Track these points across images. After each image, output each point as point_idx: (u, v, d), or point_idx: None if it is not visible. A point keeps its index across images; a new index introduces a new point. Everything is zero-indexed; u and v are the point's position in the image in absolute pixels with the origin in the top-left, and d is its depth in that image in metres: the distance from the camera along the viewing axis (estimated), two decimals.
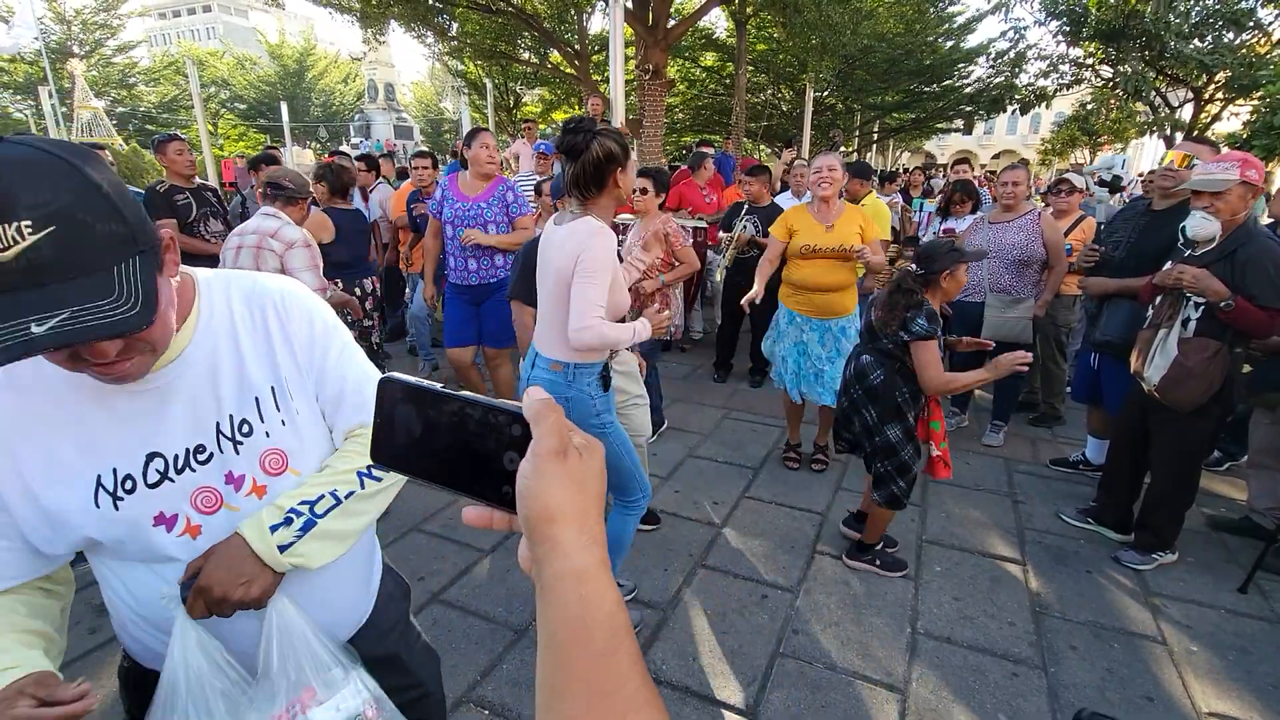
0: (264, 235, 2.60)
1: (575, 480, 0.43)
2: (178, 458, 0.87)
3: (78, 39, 23.58)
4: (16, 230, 0.61)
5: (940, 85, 18.10)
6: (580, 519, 0.43)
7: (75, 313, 0.64)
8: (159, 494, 0.86)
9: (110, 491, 0.83)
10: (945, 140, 37.27)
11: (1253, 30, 11.10)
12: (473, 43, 13.23)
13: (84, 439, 0.82)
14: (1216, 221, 2.42)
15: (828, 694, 2.07)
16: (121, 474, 0.84)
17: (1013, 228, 3.66)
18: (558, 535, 0.42)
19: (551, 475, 0.43)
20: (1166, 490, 2.71)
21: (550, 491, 0.42)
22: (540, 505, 0.42)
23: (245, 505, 0.91)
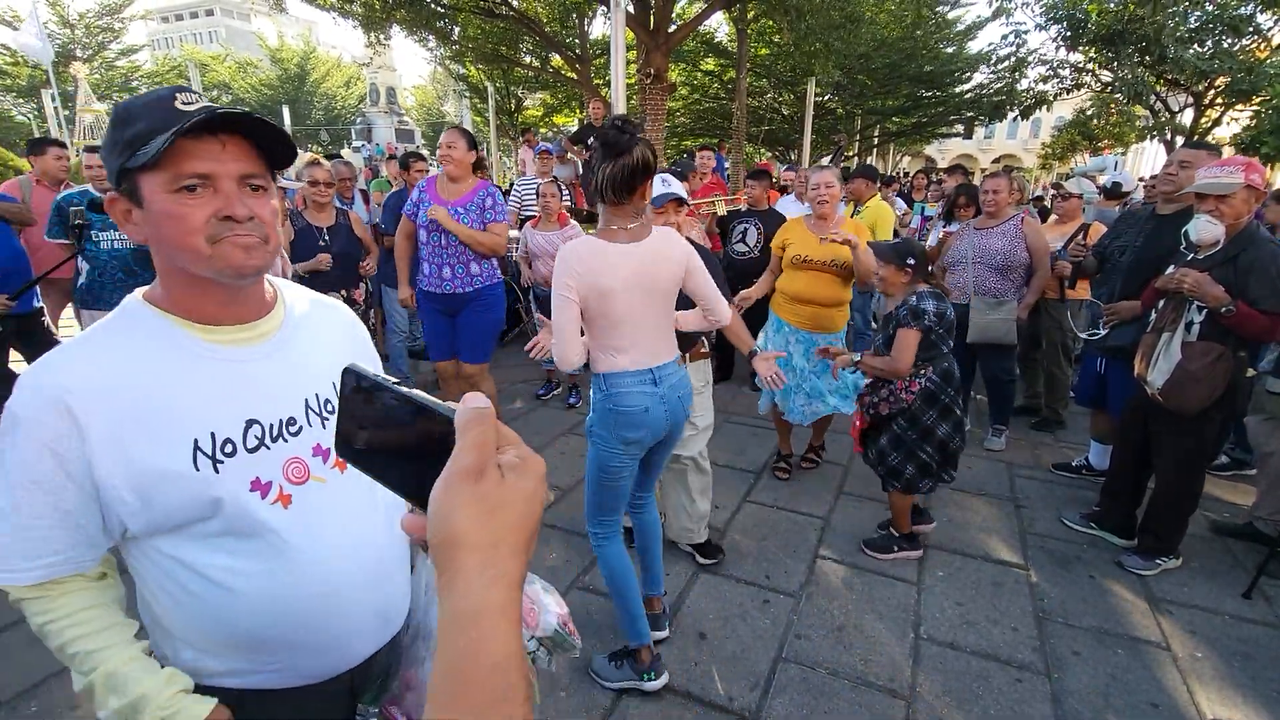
0: None
1: (488, 504, 0.38)
2: (273, 426, 0.90)
3: (81, 42, 23.68)
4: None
5: (941, 90, 18.15)
6: (486, 550, 0.38)
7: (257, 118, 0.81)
8: (256, 459, 0.88)
9: (209, 455, 0.84)
10: (946, 145, 37.34)
11: (1252, 35, 11.13)
12: (474, 47, 13.27)
13: (181, 404, 0.84)
14: (1221, 225, 2.42)
15: (831, 699, 2.06)
16: (221, 438, 0.85)
17: (996, 233, 3.73)
18: (457, 567, 0.37)
19: (460, 496, 0.38)
20: (1170, 495, 2.70)
21: (455, 515, 0.38)
22: (443, 530, 0.38)
23: (329, 477, 0.94)
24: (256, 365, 0.90)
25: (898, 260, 2.60)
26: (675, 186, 2.37)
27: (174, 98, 0.80)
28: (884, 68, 16.18)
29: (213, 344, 0.87)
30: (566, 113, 19.71)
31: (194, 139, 0.77)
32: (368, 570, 0.97)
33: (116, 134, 0.81)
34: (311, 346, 0.97)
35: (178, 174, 0.78)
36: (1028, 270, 3.73)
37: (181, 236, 0.80)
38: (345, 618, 0.95)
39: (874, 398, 2.69)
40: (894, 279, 2.62)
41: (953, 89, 18.21)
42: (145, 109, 0.80)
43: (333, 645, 0.95)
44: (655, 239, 1.88)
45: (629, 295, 1.82)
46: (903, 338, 2.53)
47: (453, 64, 15.99)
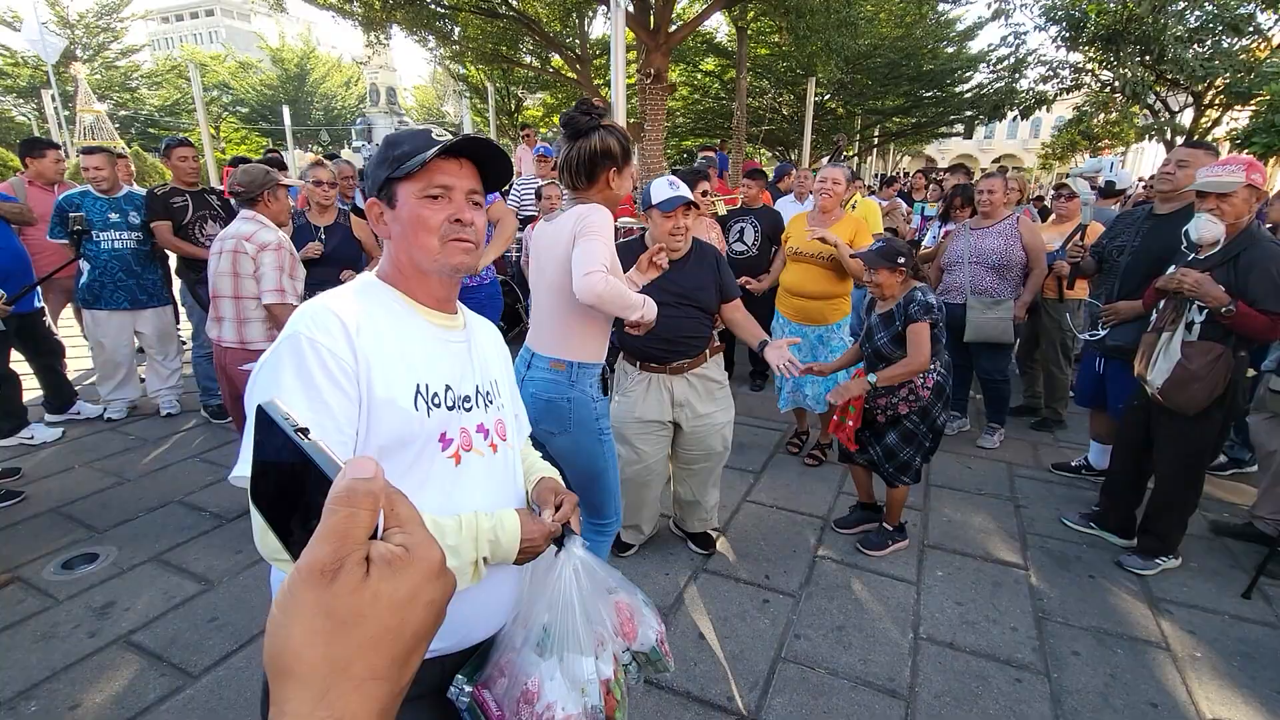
0: (240, 239, 2.60)
1: (335, 617, 0.30)
2: (459, 396, 1.06)
3: (81, 42, 23.68)
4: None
5: (941, 90, 18.14)
6: (322, 680, 0.29)
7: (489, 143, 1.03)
8: (447, 417, 1.03)
9: (426, 399, 1.00)
10: (946, 144, 37.34)
11: (1252, 35, 11.12)
12: (474, 47, 13.25)
13: (409, 355, 1.01)
14: (1222, 225, 2.42)
15: (830, 699, 2.06)
16: (431, 390, 1.01)
17: (992, 233, 3.74)
18: (283, 699, 0.29)
19: (299, 604, 0.30)
20: (1170, 495, 2.70)
21: (290, 629, 0.30)
22: (273, 645, 0.30)
23: (485, 453, 1.08)
24: (455, 346, 1.08)
25: (889, 263, 2.58)
26: (683, 190, 2.28)
27: (430, 131, 1.03)
28: (884, 67, 16.17)
29: (429, 323, 1.06)
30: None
31: (442, 158, 0.99)
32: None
33: (386, 153, 1.02)
34: (483, 345, 1.17)
35: (429, 184, 0.99)
36: (1024, 270, 3.74)
37: (422, 234, 1.00)
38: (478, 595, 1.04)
39: (893, 398, 2.66)
40: (889, 281, 2.61)
41: (953, 89, 18.20)
42: (409, 137, 1.02)
43: (460, 626, 1.04)
44: (566, 214, 1.83)
45: (533, 271, 1.94)
46: (919, 333, 2.54)
47: (453, 64, 15.97)
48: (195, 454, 3.80)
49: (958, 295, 3.81)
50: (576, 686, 1.02)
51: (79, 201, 3.82)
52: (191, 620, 2.38)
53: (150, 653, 2.22)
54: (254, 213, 2.69)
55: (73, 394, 4.28)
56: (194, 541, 2.90)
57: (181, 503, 3.24)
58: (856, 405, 2.73)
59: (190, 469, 3.61)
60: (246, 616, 2.40)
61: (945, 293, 3.86)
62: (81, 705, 1.99)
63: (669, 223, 2.30)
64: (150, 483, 3.44)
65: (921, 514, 3.20)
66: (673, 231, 2.31)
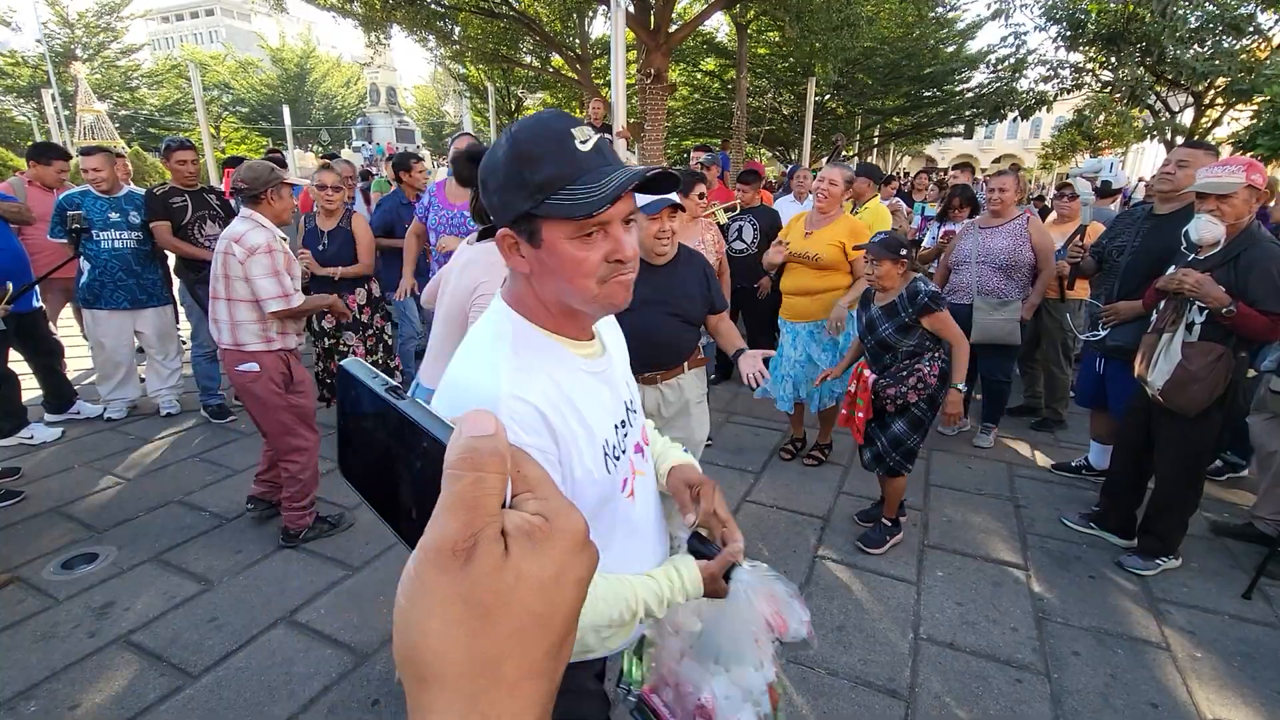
0: (230, 240, 2.54)
1: (477, 606, 0.25)
2: (621, 428, 1.00)
3: (81, 42, 23.69)
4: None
5: (941, 90, 18.14)
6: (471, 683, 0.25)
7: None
8: (621, 460, 0.98)
9: (611, 456, 0.95)
10: (946, 144, 37.34)
11: (1253, 35, 11.12)
12: (475, 47, 13.26)
13: (589, 415, 0.94)
14: (1222, 225, 2.41)
15: (830, 699, 2.06)
16: (610, 442, 0.95)
17: (1001, 233, 3.71)
18: (427, 708, 0.25)
19: (433, 593, 0.26)
20: (1170, 495, 2.70)
21: (425, 623, 0.25)
22: (404, 646, 0.26)
23: (645, 469, 1.04)
24: (604, 375, 1.00)
25: (893, 254, 2.61)
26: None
27: (570, 135, 0.83)
28: (884, 67, 16.18)
29: (582, 358, 0.97)
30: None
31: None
32: (661, 554, 1.07)
33: (521, 174, 0.83)
34: (612, 350, 1.07)
35: (585, 224, 0.84)
36: (1032, 270, 3.71)
37: (577, 278, 0.87)
38: None
39: (902, 388, 2.66)
40: (892, 273, 2.63)
41: (953, 89, 18.20)
42: (548, 150, 0.82)
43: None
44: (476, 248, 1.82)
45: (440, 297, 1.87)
46: (945, 320, 2.60)
47: (453, 64, 15.98)
48: (195, 454, 3.79)
49: (964, 295, 3.77)
50: (749, 699, 1.01)
51: (79, 201, 3.82)
52: (191, 620, 2.38)
53: (150, 653, 2.22)
54: (252, 211, 2.64)
55: (72, 394, 4.28)
56: (194, 541, 2.90)
57: (181, 502, 3.24)
58: (865, 398, 2.76)
59: (190, 469, 3.60)
60: (246, 616, 2.40)
61: (951, 292, 3.83)
62: (81, 705, 1.99)
63: (654, 225, 2.26)
64: (150, 482, 3.44)
65: (921, 514, 3.20)
66: (658, 234, 2.26)
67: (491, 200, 0.89)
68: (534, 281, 0.91)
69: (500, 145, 0.86)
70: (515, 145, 0.83)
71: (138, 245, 3.97)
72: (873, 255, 2.63)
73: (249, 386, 2.65)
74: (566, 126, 0.83)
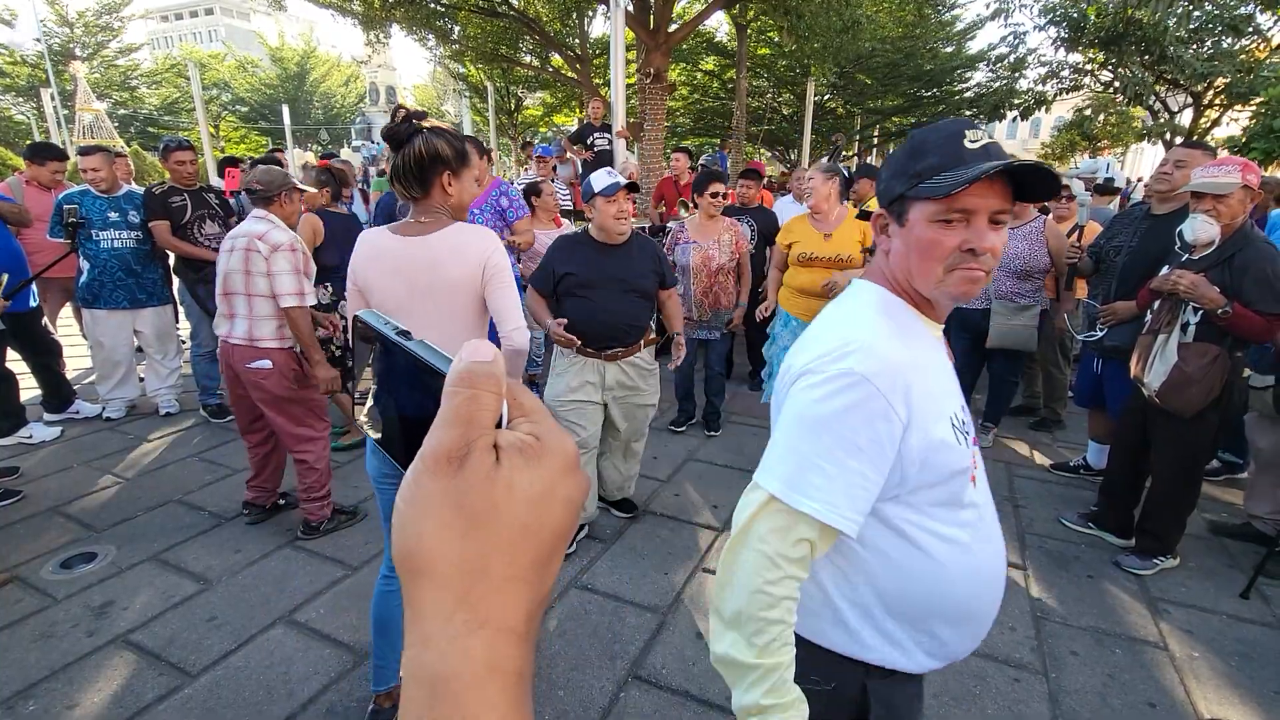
0: (252, 238, 2.59)
1: (468, 510, 0.27)
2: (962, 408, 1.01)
3: (80, 41, 23.66)
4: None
5: (940, 89, 18.14)
6: (459, 581, 0.27)
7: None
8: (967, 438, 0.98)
9: (958, 429, 0.95)
10: None
11: (1252, 36, 11.12)
12: (474, 46, 13.24)
13: (939, 386, 0.95)
14: (1217, 225, 2.42)
15: None
16: (959, 416, 0.96)
17: (1017, 235, 3.67)
18: (419, 601, 0.27)
19: (428, 496, 0.27)
20: (1168, 495, 2.71)
21: (421, 522, 0.27)
22: (401, 544, 0.28)
23: (979, 462, 1.02)
24: (944, 351, 1.02)
25: None
26: (620, 177, 2.53)
27: (963, 135, 0.89)
28: (883, 67, 16.17)
29: (932, 335, 0.99)
30: (566, 112, 19.70)
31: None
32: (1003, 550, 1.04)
33: (908, 163, 0.92)
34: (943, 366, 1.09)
35: (949, 208, 0.88)
36: (1047, 273, 3.67)
37: (927, 260, 0.91)
38: (998, 603, 1.02)
39: None
40: None
41: (952, 89, 18.20)
42: (938, 144, 0.90)
43: (986, 628, 1.02)
44: (448, 235, 1.73)
45: (392, 292, 1.73)
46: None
47: (452, 63, 15.97)
48: (194, 453, 3.79)
49: (976, 299, 3.74)
50: None
51: (78, 201, 3.81)
52: (190, 620, 2.38)
53: (149, 652, 2.22)
54: (266, 212, 2.70)
55: (71, 393, 4.27)
56: (192, 541, 2.90)
57: (180, 502, 3.24)
58: None
59: (189, 468, 3.61)
60: (245, 616, 2.40)
61: None
62: (80, 705, 1.99)
63: (612, 207, 2.52)
64: (149, 482, 3.44)
65: None
66: (616, 215, 2.52)
67: (879, 187, 0.99)
68: (891, 259, 0.98)
69: (902, 146, 0.97)
70: (911, 141, 0.94)
71: (137, 245, 3.97)
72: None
73: (261, 383, 2.68)
74: (961, 129, 0.90)
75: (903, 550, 0.94)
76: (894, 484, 0.91)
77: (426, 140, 1.67)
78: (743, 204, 4.68)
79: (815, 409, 0.89)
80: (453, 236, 1.73)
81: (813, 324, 1.04)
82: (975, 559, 0.96)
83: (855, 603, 0.97)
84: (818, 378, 0.90)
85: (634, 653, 2.25)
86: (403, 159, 1.68)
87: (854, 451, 0.87)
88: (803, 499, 0.87)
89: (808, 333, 1.02)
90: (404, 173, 1.70)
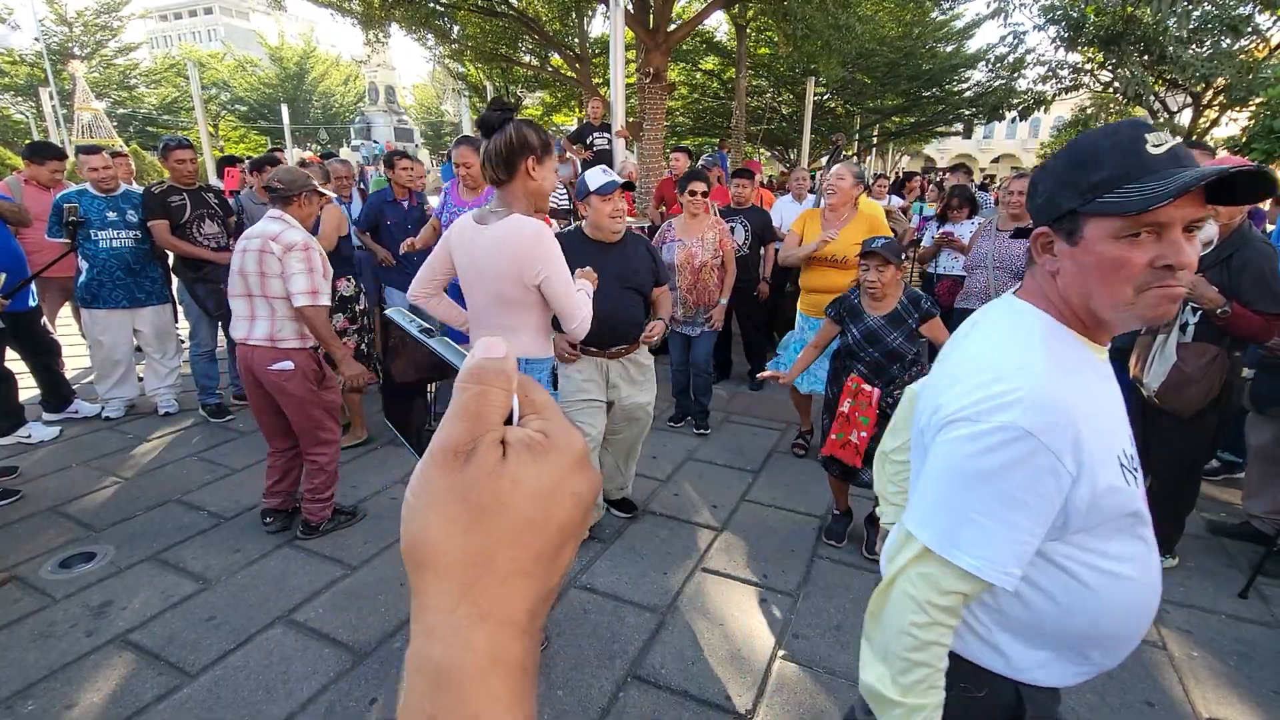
0: (266, 239, 2.58)
1: (473, 503, 0.27)
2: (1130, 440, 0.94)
3: (79, 40, 23.64)
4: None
5: (940, 89, 18.15)
6: (463, 573, 0.27)
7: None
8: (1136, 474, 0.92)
9: (1126, 467, 0.88)
10: (945, 144, 37.36)
11: (1251, 36, 11.13)
12: (474, 45, 13.23)
13: (1107, 422, 0.88)
14: (1215, 225, 2.42)
15: (828, 699, 2.06)
16: (1128, 453, 0.90)
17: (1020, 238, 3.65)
18: (424, 592, 0.28)
19: (435, 489, 0.28)
20: (1167, 494, 2.71)
21: (426, 517, 0.28)
22: (409, 534, 0.28)
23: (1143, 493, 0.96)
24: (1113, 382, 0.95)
25: (898, 260, 2.59)
26: (615, 175, 2.57)
27: (1143, 139, 0.80)
28: (883, 66, 16.17)
29: (1102, 363, 0.92)
30: (565, 112, 19.69)
31: None
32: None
33: (1076, 174, 0.82)
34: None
35: (1136, 223, 0.78)
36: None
37: (1112, 282, 0.81)
38: (1150, 623, 0.96)
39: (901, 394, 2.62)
40: (894, 278, 2.60)
41: (951, 88, 18.21)
42: (1112, 150, 0.80)
43: (1135, 646, 0.97)
44: (500, 226, 1.86)
45: (468, 276, 1.96)
46: (940, 325, 2.63)
47: (452, 63, 15.96)
48: (193, 453, 3.79)
49: (978, 300, 3.73)
50: None
51: (77, 200, 3.81)
52: (189, 619, 2.38)
53: (148, 652, 2.22)
54: (282, 212, 2.68)
55: (70, 393, 4.27)
56: (192, 540, 2.90)
57: (179, 502, 3.24)
58: (870, 415, 2.63)
59: (188, 468, 3.60)
60: (244, 615, 2.40)
61: (965, 297, 3.82)
62: (79, 704, 1.99)
63: (608, 205, 2.54)
64: (148, 482, 3.44)
65: None
66: (611, 214, 2.55)
67: (1036, 202, 0.89)
68: (1060, 281, 0.88)
69: (1059, 153, 0.87)
70: (1073, 148, 0.84)
71: (136, 244, 3.97)
72: (879, 261, 2.55)
73: (283, 385, 2.67)
74: (1140, 132, 0.81)
75: (1062, 585, 0.89)
76: (1057, 528, 0.85)
77: (517, 127, 1.83)
78: (736, 204, 4.69)
79: (973, 464, 0.82)
80: (503, 228, 1.87)
81: (962, 346, 0.95)
82: (1137, 590, 0.91)
83: (1007, 629, 0.93)
84: (975, 428, 0.82)
85: (633, 652, 2.25)
86: (494, 144, 1.84)
87: (1016, 506, 0.81)
88: (960, 554, 0.83)
89: (956, 359, 0.94)
90: (495, 157, 1.85)
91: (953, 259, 4.37)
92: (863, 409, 2.66)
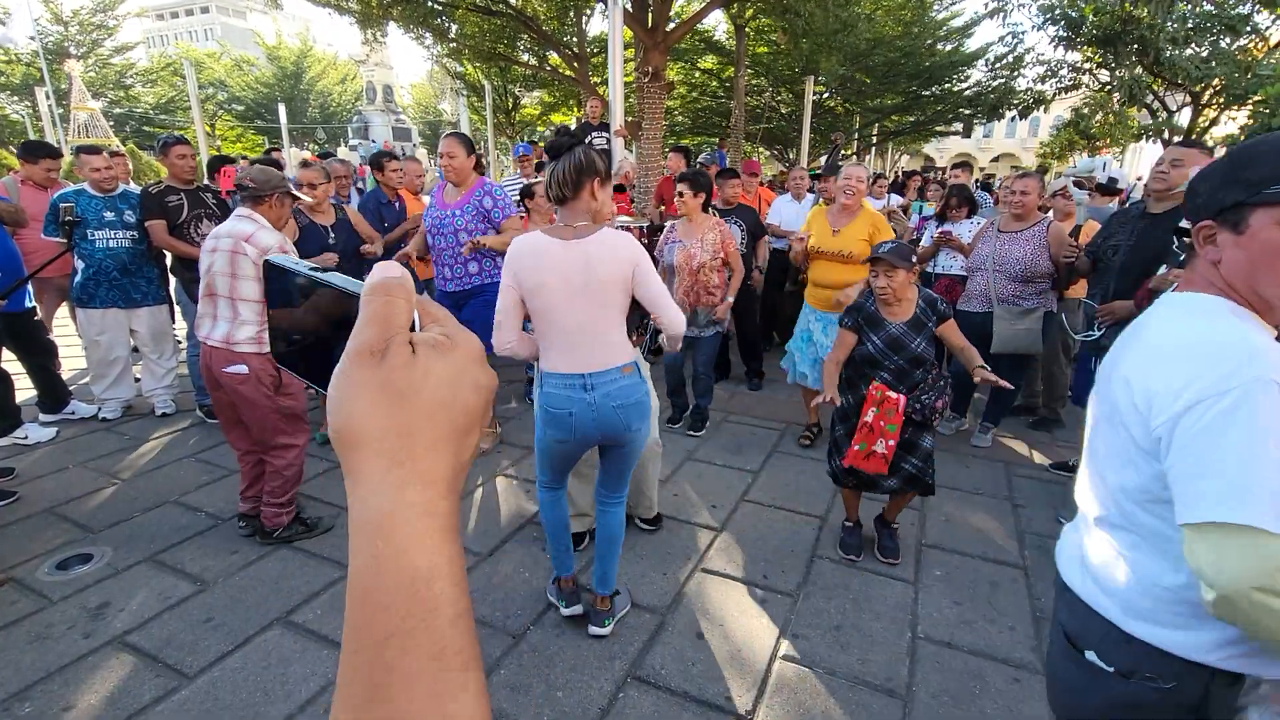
0: (238, 239, 2.51)
1: (392, 390, 0.32)
2: None
3: (75, 40, 23.56)
4: None
5: (939, 88, 18.16)
6: (393, 444, 0.32)
7: None
8: None
9: None
10: (944, 143, 37.37)
11: (1249, 35, 11.13)
12: (472, 44, 13.21)
13: None
14: None
15: (828, 699, 2.06)
16: None
17: (1020, 239, 3.62)
18: (359, 467, 0.32)
19: (357, 382, 0.32)
20: None
21: (353, 403, 0.32)
22: (337, 422, 0.32)
23: None
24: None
25: (908, 263, 2.51)
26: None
27: None
28: (882, 65, 16.17)
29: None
30: (564, 111, 19.66)
31: None
32: None
33: (1239, 172, 0.93)
34: None
35: None
36: (1050, 278, 3.63)
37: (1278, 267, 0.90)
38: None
39: (928, 398, 2.56)
40: (906, 281, 2.53)
41: (951, 87, 18.21)
42: (1270, 152, 0.91)
43: None
44: (601, 239, 1.99)
45: (559, 293, 1.98)
46: (954, 327, 2.61)
47: (450, 62, 15.93)
48: (190, 454, 3.78)
49: (979, 302, 3.72)
50: None
51: (73, 200, 3.79)
52: (187, 621, 2.37)
53: (145, 653, 2.21)
54: (252, 211, 2.61)
55: (67, 394, 4.25)
56: (189, 542, 2.88)
57: (177, 503, 3.22)
58: (896, 422, 2.53)
59: (185, 469, 3.59)
60: (242, 617, 2.39)
61: (966, 299, 3.81)
62: (76, 707, 1.98)
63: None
64: (145, 483, 3.43)
65: (919, 513, 3.20)
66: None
67: (1196, 202, 0.99)
68: (1223, 269, 0.96)
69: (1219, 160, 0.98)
70: (1233, 154, 0.95)
71: (133, 244, 3.95)
72: (888, 265, 2.49)
73: (238, 388, 2.62)
74: None
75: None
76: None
77: (585, 152, 1.97)
78: (725, 203, 4.69)
79: (1249, 427, 0.84)
80: (606, 239, 1.99)
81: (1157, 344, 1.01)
82: None
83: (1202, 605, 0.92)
84: (1231, 397, 0.86)
85: (633, 653, 2.24)
86: (562, 164, 1.95)
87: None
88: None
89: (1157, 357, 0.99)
90: (563, 177, 1.95)
91: (951, 258, 4.37)
92: (889, 416, 2.53)
